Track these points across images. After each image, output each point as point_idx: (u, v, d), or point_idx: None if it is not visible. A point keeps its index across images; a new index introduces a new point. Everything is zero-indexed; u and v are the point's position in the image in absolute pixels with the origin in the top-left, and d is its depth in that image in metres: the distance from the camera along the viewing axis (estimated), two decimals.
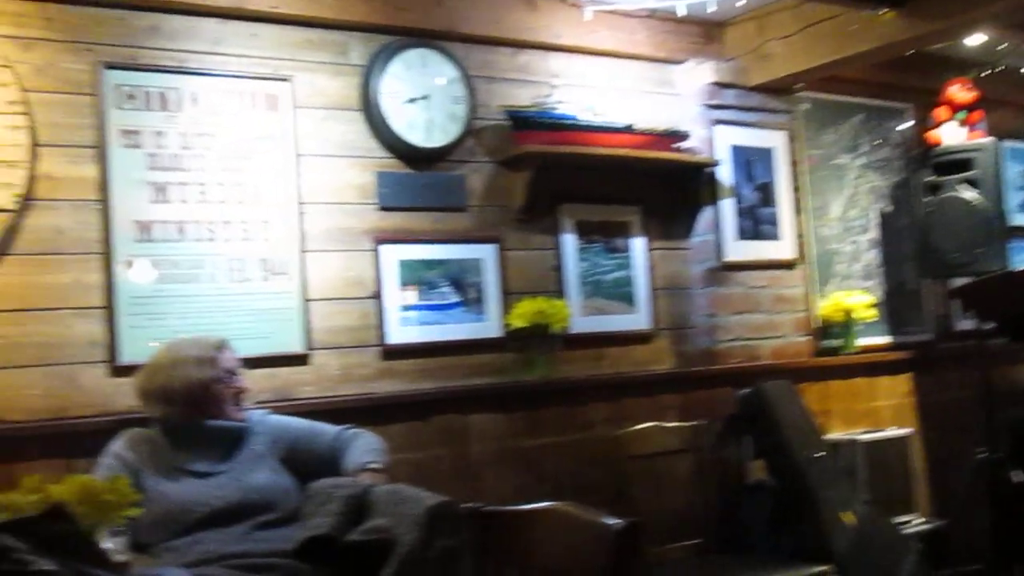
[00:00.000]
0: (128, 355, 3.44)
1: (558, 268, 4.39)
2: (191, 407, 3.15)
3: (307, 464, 3.24)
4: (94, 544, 1.49)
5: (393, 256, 3.99)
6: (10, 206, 3.30)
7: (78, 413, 3.38)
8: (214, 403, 3.17)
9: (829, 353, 5.09)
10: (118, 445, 3.14)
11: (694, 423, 4.34)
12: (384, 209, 4.01)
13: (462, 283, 4.12)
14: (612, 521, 1.94)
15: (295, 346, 3.75)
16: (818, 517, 4.08)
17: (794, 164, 5.12)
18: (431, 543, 2.48)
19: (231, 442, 3.18)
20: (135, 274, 3.51)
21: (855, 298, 5.09)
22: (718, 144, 4.84)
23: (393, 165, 4.05)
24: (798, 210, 5.11)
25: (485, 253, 4.19)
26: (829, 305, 5.10)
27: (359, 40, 4.02)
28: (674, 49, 4.79)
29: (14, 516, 2.04)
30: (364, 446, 3.24)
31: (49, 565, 1.36)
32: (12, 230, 3.33)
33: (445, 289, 4.08)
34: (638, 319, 4.58)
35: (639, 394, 4.42)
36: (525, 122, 4.21)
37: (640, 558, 1.96)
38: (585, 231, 4.47)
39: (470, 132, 4.19)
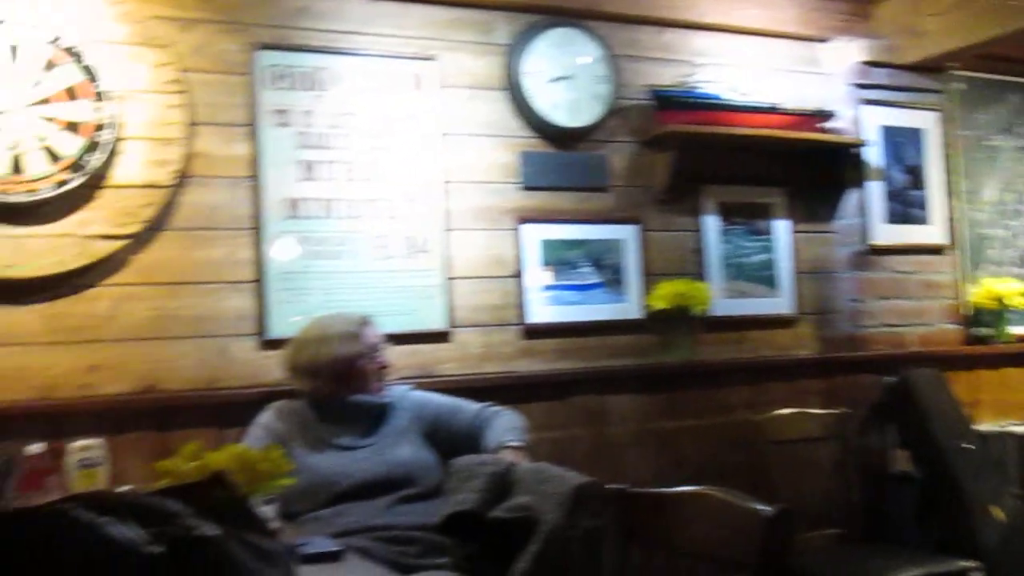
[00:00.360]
0: (275, 329, 3.53)
1: (699, 250, 4.33)
2: (336, 382, 3.22)
3: (448, 440, 3.28)
4: (253, 511, 1.52)
5: (535, 235, 3.99)
6: (167, 182, 3.42)
7: (228, 384, 3.49)
8: (358, 378, 3.23)
9: (979, 342, 4.92)
10: (266, 416, 3.23)
11: (837, 410, 4.23)
12: (527, 188, 4.01)
13: (603, 264, 4.10)
14: (762, 507, 1.90)
15: (437, 323, 3.79)
16: (965, 510, 3.95)
17: (946, 146, 4.95)
18: (575, 523, 2.48)
19: (375, 417, 3.23)
20: (284, 250, 3.59)
21: (1008, 285, 4.89)
22: (866, 124, 4.72)
23: (536, 144, 4.05)
24: (949, 193, 4.95)
25: (626, 234, 4.16)
26: (980, 292, 4.92)
27: (504, 19, 4.02)
28: (822, 27, 4.67)
29: (176, 482, 2.12)
30: (505, 424, 3.26)
31: (212, 530, 1.39)
32: (168, 206, 3.44)
33: (586, 269, 4.07)
34: (781, 303, 4.49)
35: (781, 379, 4.36)
36: (668, 102, 4.16)
37: (790, 546, 1.92)
38: (727, 213, 4.40)
39: (613, 112, 4.16)
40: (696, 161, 4.24)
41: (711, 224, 4.36)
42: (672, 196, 4.25)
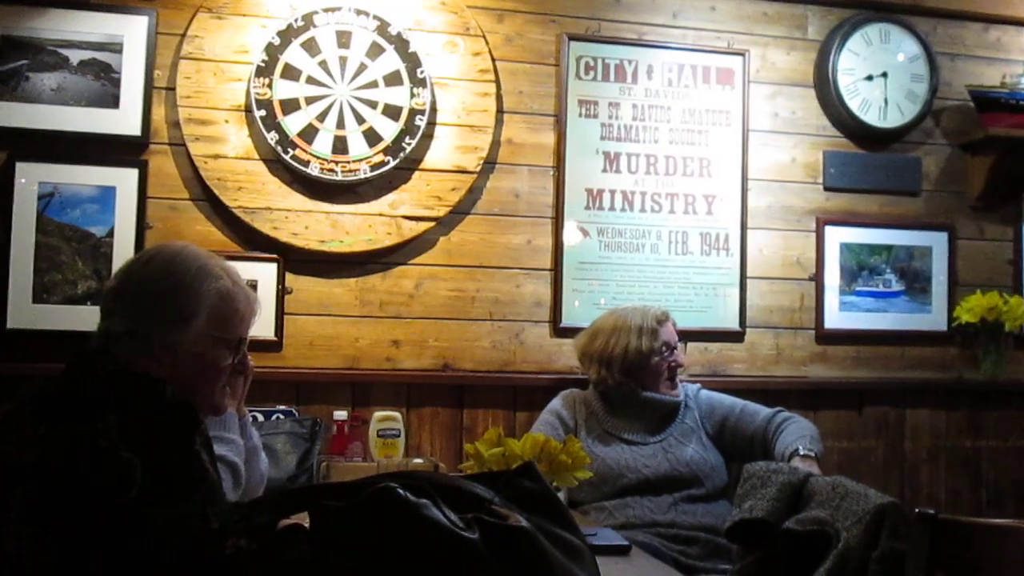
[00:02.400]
0: (568, 318, 3.58)
1: (1016, 262, 4.05)
2: (627, 375, 3.22)
3: (734, 443, 3.24)
4: (561, 505, 1.54)
5: (835, 238, 3.86)
6: (475, 168, 3.52)
7: (520, 368, 3.58)
8: (651, 374, 3.22)
9: None
10: (557, 404, 3.28)
11: None
12: (828, 189, 3.89)
13: (907, 271, 3.92)
14: None
15: (731, 323, 3.74)
16: None
17: None
18: (875, 543, 2.38)
19: (664, 415, 3.23)
20: (581, 240, 3.63)
21: None
22: None
23: (842, 144, 3.91)
24: None
25: (934, 241, 3.95)
26: None
27: (817, 14, 3.90)
28: None
29: (480, 467, 2.18)
30: (798, 431, 3.16)
31: (521, 521, 1.41)
32: (473, 191, 3.55)
33: (889, 276, 3.90)
34: None
35: None
36: (992, 103, 3.91)
37: None
38: None
39: (928, 112, 3.95)
40: (1018, 167, 3.96)
41: None
42: (988, 203, 4.00)
